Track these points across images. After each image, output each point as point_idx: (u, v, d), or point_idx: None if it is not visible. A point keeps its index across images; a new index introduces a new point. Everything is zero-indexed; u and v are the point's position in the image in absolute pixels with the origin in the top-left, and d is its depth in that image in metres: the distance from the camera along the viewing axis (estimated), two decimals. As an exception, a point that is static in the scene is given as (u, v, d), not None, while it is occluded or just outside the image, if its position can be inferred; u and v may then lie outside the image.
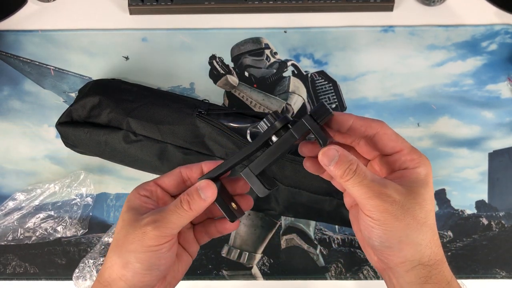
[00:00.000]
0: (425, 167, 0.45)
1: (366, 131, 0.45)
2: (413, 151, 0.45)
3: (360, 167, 0.42)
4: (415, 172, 0.44)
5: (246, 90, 0.75)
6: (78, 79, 0.75)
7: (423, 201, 0.43)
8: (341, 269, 0.69)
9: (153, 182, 0.49)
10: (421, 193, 0.44)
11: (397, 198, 0.42)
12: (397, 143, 0.45)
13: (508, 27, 0.76)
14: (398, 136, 0.46)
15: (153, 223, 0.44)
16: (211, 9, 0.76)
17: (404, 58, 0.75)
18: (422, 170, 0.45)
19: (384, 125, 0.45)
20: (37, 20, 0.77)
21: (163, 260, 0.45)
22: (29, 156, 0.73)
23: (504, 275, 0.69)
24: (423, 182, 0.44)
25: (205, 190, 0.45)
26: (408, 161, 0.45)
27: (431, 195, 0.44)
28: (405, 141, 0.46)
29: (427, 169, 0.45)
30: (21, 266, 0.69)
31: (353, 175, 0.42)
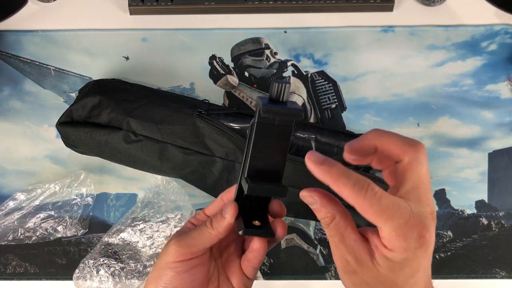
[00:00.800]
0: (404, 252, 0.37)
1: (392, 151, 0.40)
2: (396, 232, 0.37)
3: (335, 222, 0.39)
4: (389, 254, 0.38)
5: (246, 90, 0.75)
6: (78, 79, 0.75)
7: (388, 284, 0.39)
8: (341, 269, 0.69)
9: (202, 211, 0.51)
10: (388, 276, 0.38)
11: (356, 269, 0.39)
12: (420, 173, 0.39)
13: (508, 27, 0.76)
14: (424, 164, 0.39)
15: (177, 240, 0.46)
16: (211, 9, 0.76)
17: (404, 58, 0.75)
18: (397, 256, 0.38)
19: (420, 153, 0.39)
20: (38, 20, 0.77)
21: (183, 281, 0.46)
22: (30, 156, 0.73)
23: (504, 275, 0.69)
24: (395, 267, 0.38)
25: (226, 209, 0.45)
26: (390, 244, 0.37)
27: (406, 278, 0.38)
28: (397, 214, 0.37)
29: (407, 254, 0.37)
30: (22, 266, 0.69)
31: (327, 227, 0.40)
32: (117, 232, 0.69)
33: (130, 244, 0.68)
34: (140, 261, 0.68)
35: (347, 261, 0.39)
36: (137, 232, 0.69)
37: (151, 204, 0.70)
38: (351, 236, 0.39)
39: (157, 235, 0.69)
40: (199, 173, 0.66)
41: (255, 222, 0.45)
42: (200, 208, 0.71)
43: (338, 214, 0.39)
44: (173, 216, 0.69)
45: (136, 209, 0.70)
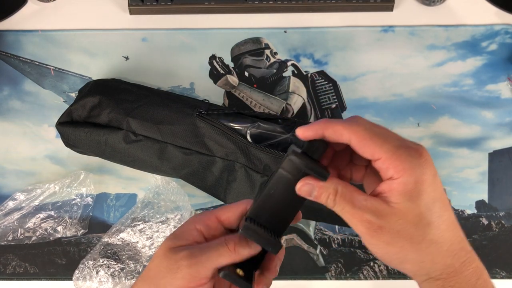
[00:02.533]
0: (412, 173, 0.37)
1: (338, 140, 0.39)
2: (394, 156, 0.38)
3: (339, 194, 0.39)
4: (401, 183, 0.38)
5: (246, 90, 0.75)
6: (78, 79, 0.75)
7: (416, 217, 0.38)
8: (341, 269, 0.69)
9: (214, 217, 0.44)
10: (411, 208, 0.38)
11: (380, 223, 0.38)
12: (373, 149, 0.38)
13: (508, 27, 0.76)
14: (373, 139, 0.38)
15: (188, 259, 0.40)
16: (211, 9, 0.76)
17: (404, 58, 0.75)
18: (408, 179, 0.38)
19: (357, 130, 0.38)
20: (37, 20, 0.77)
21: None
22: (29, 156, 0.73)
23: (504, 275, 0.69)
24: (413, 194, 0.38)
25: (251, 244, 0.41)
26: (391, 170, 0.38)
27: (428, 205, 0.38)
28: (387, 141, 0.38)
29: (415, 175, 0.37)
30: (21, 266, 0.69)
31: (335, 204, 0.39)
32: (116, 232, 0.69)
33: (130, 245, 0.68)
34: (140, 262, 0.67)
35: (368, 221, 0.38)
36: (137, 233, 0.69)
37: (151, 204, 0.70)
38: (361, 197, 0.39)
39: (156, 236, 0.69)
40: (199, 173, 0.66)
41: (238, 271, 0.41)
42: (201, 208, 0.71)
43: (339, 186, 0.39)
44: (173, 217, 0.69)
45: (136, 209, 0.70)
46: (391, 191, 0.38)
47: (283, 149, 0.65)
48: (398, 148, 0.38)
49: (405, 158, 0.38)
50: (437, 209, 0.38)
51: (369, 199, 0.39)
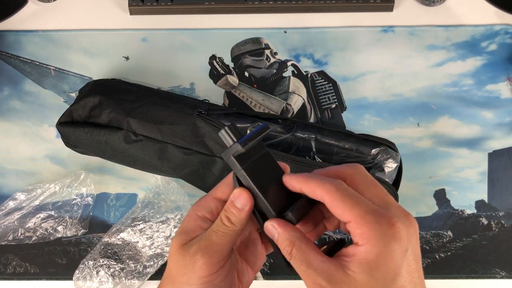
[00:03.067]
0: (375, 243, 0.35)
1: (315, 196, 0.38)
2: (362, 221, 0.35)
3: (296, 248, 0.37)
4: (362, 252, 0.35)
5: (246, 90, 0.75)
6: (78, 79, 0.75)
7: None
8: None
9: (211, 197, 0.43)
10: (366, 281, 0.35)
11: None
12: (343, 211, 0.36)
13: (508, 27, 0.76)
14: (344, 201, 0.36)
15: (201, 250, 0.40)
16: (211, 9, 0.76)
17: (404, 58, 0.75)
18: (370, 249, 0.35)
19: (330, 190, 0.37)
20: (38, 20, 0.77)
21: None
22: (30, 156, 0.73)
23: (504, 275, 0.69)
24: (372, 266, 0.35)
25: (239, 199, 0.40)
26: (357, 236, 0.36)
27: (386, 283, 0.35)
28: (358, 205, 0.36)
29: (379, 246, 0.35)
30: (22, 266, 0.69)
31: (290, 257, 0.37)
32: (117, 232, 0.69)
33: (130, 244, 0.68)
34: (140, 262, 0.68)
35: (320, 285, 0.36)
36: (137, 232, 0.69)
37: (151, 204, 0.70)
38: (317, 258, 0.37)
39: (157, 235, 0.69)
40: (199, 173, 0.66)
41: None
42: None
43: (297, 240, 0.38)
44: (173, 216, 0.69)
45: (136, 209, 0.70)
46: (353, 258, 0.36)
47: (283, 149, 0.65)
48: (368, 214, 0.36)
49: (372, 225, 0.35)
50: (398, 285, 0.35)
51: (326, 261, 0.37)
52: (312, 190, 0.38)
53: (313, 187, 0.38)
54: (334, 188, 0.37)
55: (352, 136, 0.66)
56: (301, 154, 0.65)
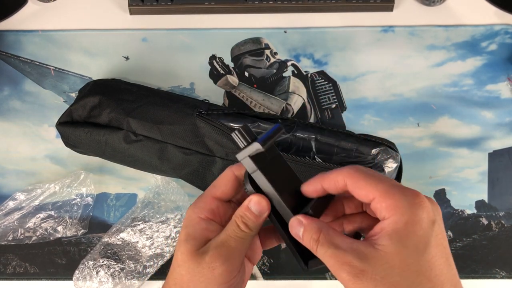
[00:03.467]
0: (403, 212, 0.35)
1: (337, 188, 0.39)
2: (388, 194, 0.36)
3: (323, 234, 0.37)
4: (391, 223, 0.35)
5: (246, 90, 0.75)
6: (78, 79, 0.75)
7: (402, 263, 0.34)
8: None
9: (210, 197, 0.43)
10: (398, 252, 0.34)
11: (363, 267, 0.35)
12: (367, 189, 0.37)
13: (508, 27, 0.76)
14: (367, 180, 0.37)
15: (220, 258, 0.39)
16: (211, 9, 0.76)
17: (404, 58, 0.75)
18: (399, 218, 0.35)
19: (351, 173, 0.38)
20: (37, 20, 0.77)
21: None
22: (29, 156, 0.73)
23: (504, 275, 0.69)
24: (401, 235, 0.35)
25: (257, 206, 0.40)
26: (384, 209, 0.36)
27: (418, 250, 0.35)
28: (382, 182, 0.37)
29: (407, 214, 0.35)
30: (21, 266, 0.69)
31: (317, 245, 0.37)
32: (117, 232, 0.69)
33: (130, 245, 0.68)
34: (140, 262, 0.68)
35: (350, 264, 0.35)
36: (137, 232, 0.69)
37: (151, 204, 0.70)
38: (345, 240, 0.37)
39: (156, 235, 0.69)
40: (199, 173, 0.66)
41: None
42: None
43: (324, 227, 0.38)
44: (173, 216, 0.69)
45: (136, 209, 0.70)
46: (381, 233, 0.36)
47: (283, 149, 0.65)
48: (392, 187, 0.36)
49: (398, 196, 0.36)
50: (429, 257, 0.35)
51: (355, 242, 0.36)
52: (334, 181, 0.38)
53: (333, 177, 0.38)
54: (354, 170, 0.38)
55: (352, 136, 0.66)
56: (301, 154, 0.65)
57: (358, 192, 0.38)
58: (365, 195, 0.37)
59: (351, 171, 0.38)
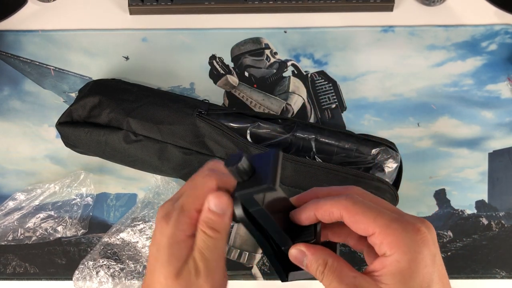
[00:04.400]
0: (406, 250, 0.34)
1: (331, 219, 0.37)
2: (388, 230, 0.35)
3: (328, 267, 0.36)
4: (393, 262, 0.34)
5: (246, 90, 0.75)
6: (78, 79, 0.75)
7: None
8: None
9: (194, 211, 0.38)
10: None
11: None
12: (366, 224, 0.35)
13: (508, 27, 0.76)
14: (365, 214, 0.35)
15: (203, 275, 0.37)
16: (211, 9, 0.76)
17: (404, 58, 0.75)
18: (401, 257, 0.34)
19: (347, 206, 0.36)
20: (37, 20, 0.77)
21: None
22: (29, 156, 0.73)
23: (504, 275, 0.69)
24: (405, 275, 0.34)
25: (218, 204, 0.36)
26: (385, 246, 0.35)
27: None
28: (381, 215, 0.35)
29: (410, 252, 0.34)
30: (21, 266, 0.69)
31: (323, 277, 0.36)
32: (116, 232, 0.69)
33: (130, 244, 0.68)
34: (140, 262, 0.68)
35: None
36: (137, 233, 0.69)
37: (151, 204, 0.70)
38: (350, 274, 0.36)
39: (157, 235, 0.68)
40: (199, 173, 0.66)
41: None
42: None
43: (329, 258, 0.37)
44: (173, 216, 0.69)
45: (136, 209, 0.70)
46: (383, 270, 0.35)
47: (283, 149, 0.65)
48: (393, 222, 0.35)
49: (399, 233, 0.34)
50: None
51: (359, 277, 0.36)
52: (328, 212, 0.36)
53: (328, 209, 0.36)
54: (351, 202, 0.36)
55: (352, 136, 0.66)
56: (301, 154, 0.65)
57: (355, 227, 0.36)
58: (363, 230, 0.36)
59: (348, 204, 0.36)
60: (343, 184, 0.58)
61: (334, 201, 0.36)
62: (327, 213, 0.37)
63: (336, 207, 0.36)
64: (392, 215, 0.36)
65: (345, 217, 0.36)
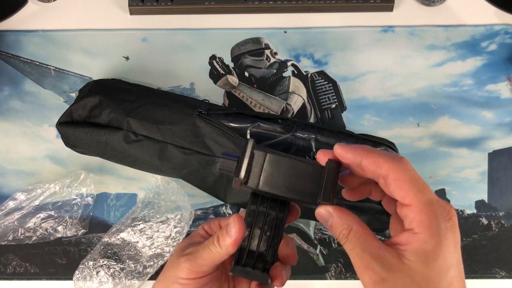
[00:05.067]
0: (435, 234, 0.35)
1: (373, 173, 0.37)
2: (425, 209, 0.36)
3: (353, 232, 0.37)
4: (420, 240, 0.36)
5: (246, 90, 0.75)
6: (78, 79, 0.75)
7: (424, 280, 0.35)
8: (341, 269, 0.69)
9: (217, 221, 0.49)
10: (422, 270, 0.35)
11: (385, 275, 0.35)
12: (407, 193, 0.36)
13: (508, 27, 0.76)
14: (411, 184, 0.36)
15: (187, 255, 0.44)
16: (211, 9, 0.76)
17: (404, 58, 0.75)
18: (429, 239, 0.35)
19: (398, 167, 0.36)
20: (38, 20, 0.77)
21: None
22: (29, 156, 0.73)
23: (504, 275, 0.69)
24: (429, 256, 0.35)
25: (232, 225, 0.41)
26: (416, 222, 0.36)
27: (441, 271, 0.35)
28: (423, 192, 0.36)
29: (439, 236, 0.35)
30: (22, 266, 0.69)
31: (346, 241, 0.38)
32: (117, 232, 0.69)
33: (130, 245, 0.68)
34: (140, 262, 0.68)
35: (373, 270, 0.35)
36: (137, 232, 0.69)
37: (151, 204, 0.70)
38: (374, 243, 0.37)
39: (157, 235, 0.69)
40: (199, 173, 0.66)
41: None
42: (200, 208, 0.71)
43: (355, 224, 0.38)
44: (173, 217, 0.69)
45: (136, 209, 0.70)
46: (408, 246, 0.36)
47: (283, 149, 0.65)
48: (431, 203, 0.36)
49: (433, 215, 0.36)
50: (449, 278, 0.36)
51: (382, 247, 0.36)
52: (377, 165, 0.37)
53: (379, 161, 0.36)
54: (403, 167, 0.36)
55: (352, 136, 0.66)
56: (301, 154, 0.65)
57: (396, 191, 0.36)
58: (402, 197, 0.36)
59: (400, 167, 0.36)
60: None
61: (388, 157, 0.36)
62: (375, 164, 0.37)
63: (387, 164, 0.36)
64: (433, 195, 0.37)
65: (390, 177, 0.36)
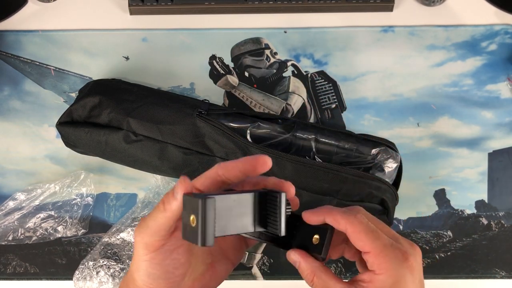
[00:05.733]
0: (392, 274, 0.40)
1: (337, 228, 0.42)
2: (381, 253, 0.40)
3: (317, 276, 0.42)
4: (379, 281, 0.40)
5: (246, 90, 0.75)
6: (78, 79, 0.75)
7: None
8: (341, 269, 0.69)
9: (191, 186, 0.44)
10: None
11: None
12: (364, 242, 0.40)
13: (507, 27, 0.76)
14: (367, 234, 0.41)
15: (137, 229, 0.41)
16: (211, 9, 0.76)
17: (404, 58, 0.75)
18: (387, 279, 0.40)
19: (353, 221, 0.41)
20: (38, 20, 0.77)
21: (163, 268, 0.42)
22: (29, 156, 0.73)
23: (503, 275, 0.69)
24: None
25: (177, 186, 0.40)
26: (376, 265, 0.40)
27: None
28: (379, 238, 0.41)
29: (395, 276, 0.40)
30: (22, 266, 0.69)
31: (312, 284, 0.42)
32: (117, 232, 0.69)
33: (130, 245, 0.68)
34: (140, 261, 0.67)
35: None
36: (137, 232, 0.69)
37: (151, 204, 0.70)
38: (337, 285, 0.41)
39: (157, 235, 0.69)
40: (199, 173, 0.65)
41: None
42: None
43: (317, 269, 0.42)
44: (173, 216, 0.69)
45: (136, 209, 0.70)
46: (370, 284, 0.41)
47: (283, 149, 0.65)
48: (387, 248, 0.40)
49: (389, 258, 0.40)
50: None
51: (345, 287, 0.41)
52: (337, 222, 0.41)
53: (338, 219, 0.41)
54: (358, 221, 0.41)
55: (352, 136, 0.66)
56: (301, 154, 0.65)
57: (356, 242, 0.41)
58: (361, 246, 0.41)
59: (355, 221, 0.41)
60: (343, 184, 0.64)
61: (345, 214, 0.42)
62: (335, 222, 0.41)
63: (344, 220, 0.41)
64: (388, 240, 0.41)
65: (348, 231, 0.41)
